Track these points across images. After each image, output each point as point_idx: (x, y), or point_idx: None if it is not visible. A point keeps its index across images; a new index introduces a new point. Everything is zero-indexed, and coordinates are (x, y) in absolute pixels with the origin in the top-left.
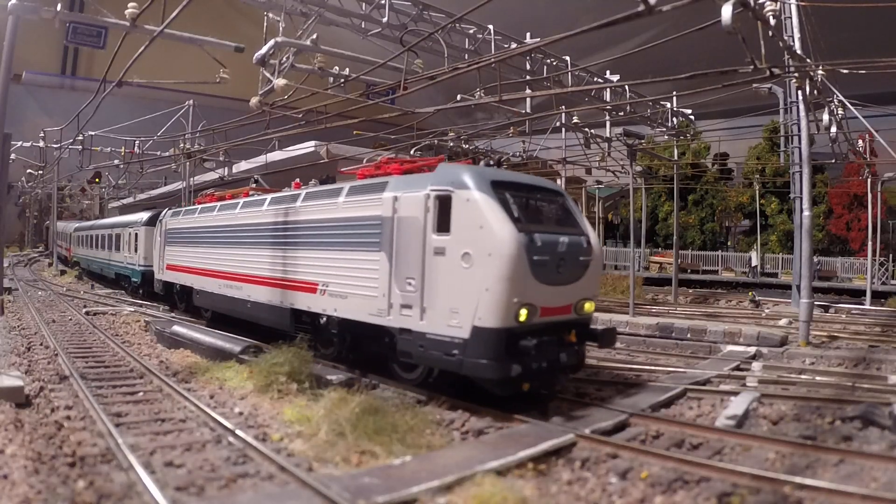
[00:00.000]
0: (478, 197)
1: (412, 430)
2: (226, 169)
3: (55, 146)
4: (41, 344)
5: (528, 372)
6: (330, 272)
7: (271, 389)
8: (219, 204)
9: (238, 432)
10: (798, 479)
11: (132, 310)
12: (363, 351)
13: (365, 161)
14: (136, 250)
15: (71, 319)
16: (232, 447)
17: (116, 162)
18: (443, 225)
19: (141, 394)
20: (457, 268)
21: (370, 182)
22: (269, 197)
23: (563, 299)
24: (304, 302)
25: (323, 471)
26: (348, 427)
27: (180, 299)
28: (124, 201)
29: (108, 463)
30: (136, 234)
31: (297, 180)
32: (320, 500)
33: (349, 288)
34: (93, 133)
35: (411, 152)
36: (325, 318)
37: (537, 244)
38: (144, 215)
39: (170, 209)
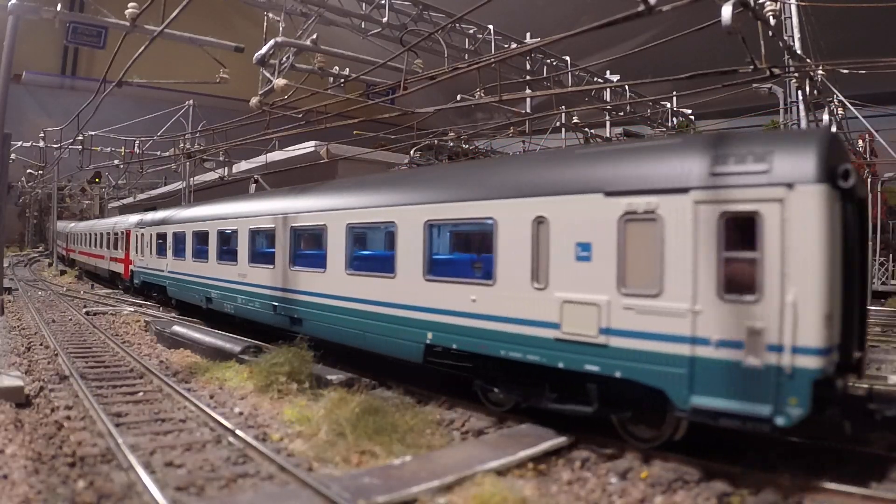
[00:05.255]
0: None
1: (412, 430)
2: (226, 169)
3: (55, 146)
4: (41, 344)
5: None
6: None
7: (271, 389)
8: None
9: (238, 432)
10: None
11: (132, 310)
12: None
13: None
14: None
15: (71, 319)
16: (232, 447)
17: (116, 162)
18: None
19: (141, 394)
20: None
21: None
22: None
23: None
24: None
25: (323, 471)
26: (348, 427)
27: None
28: (124, 201)
29: (108, 463)
30: None
31: None
32: (320, 500)
33: None
34: (93, 133)
35: (411, 152)
36: None
37: None
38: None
39: None
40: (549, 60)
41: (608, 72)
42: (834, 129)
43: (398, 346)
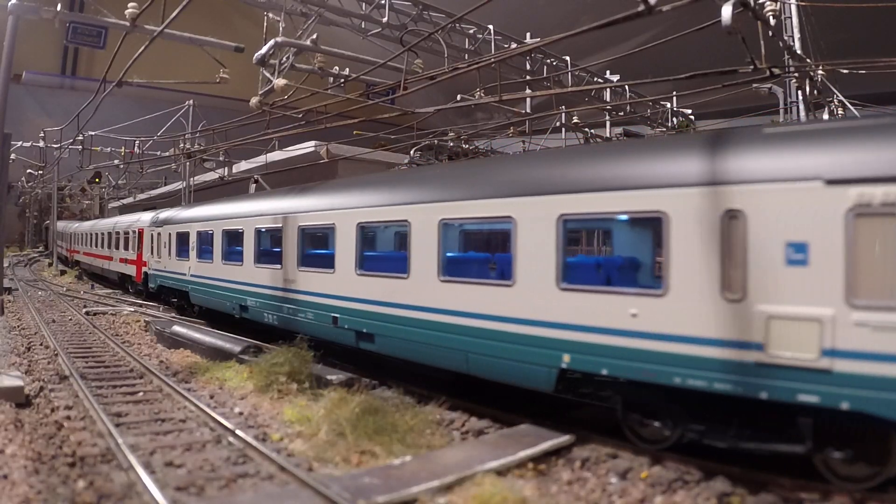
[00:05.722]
0: None
1: (412, 430)
2: (226, 169)
3: (55, 146)
4: (41, 344)
5: None
6: None
7: (271, 389)
8: None
9: (238, 432)
10: None
11: (132, 310)
12: None
13: None
14: None
15: (71, 319)
16: (232, 447)
17: (116, 162)
18: None
19: (141, 394)
20: None
21: None
22: None
23: None
24: None
25: (323, 471)
26: (348, 427)
27: None
28: (124, 201)
29: (108, 463)
30: None
31: None
32: (320, 500)
33: None
34: (93, 133)
35: (411, 152)
36: None
37: None
38: None
39: None
40: (549, 60)
41: (608, 72)
42: None
43: (519, 370)
